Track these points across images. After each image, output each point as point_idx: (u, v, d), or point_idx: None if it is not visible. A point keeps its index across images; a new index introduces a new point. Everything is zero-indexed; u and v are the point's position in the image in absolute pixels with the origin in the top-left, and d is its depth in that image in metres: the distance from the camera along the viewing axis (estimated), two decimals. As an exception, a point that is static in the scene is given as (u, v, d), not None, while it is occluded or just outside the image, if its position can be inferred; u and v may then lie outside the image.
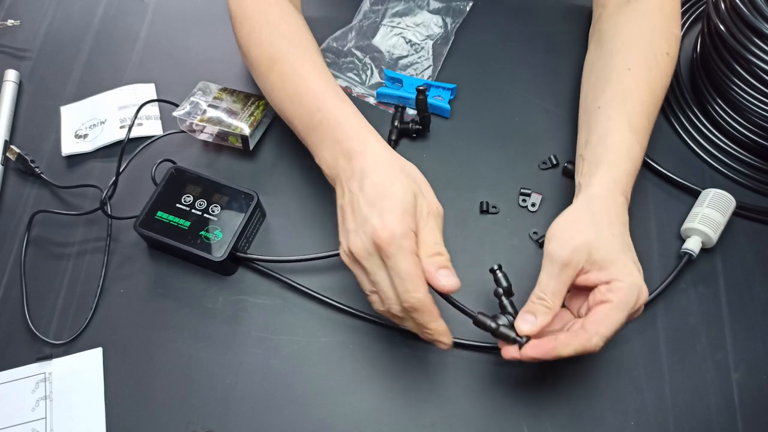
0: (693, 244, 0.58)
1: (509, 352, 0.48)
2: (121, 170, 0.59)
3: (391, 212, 0.46)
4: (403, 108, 0.67)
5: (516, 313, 0.50)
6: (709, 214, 0.58)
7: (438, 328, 0.47)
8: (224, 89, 0.67)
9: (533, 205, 0.62)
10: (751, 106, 0.60)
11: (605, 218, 0.49)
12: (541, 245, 0.60)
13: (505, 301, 0.51)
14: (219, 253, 0.56)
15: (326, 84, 0.55)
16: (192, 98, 0.65)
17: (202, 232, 0.57)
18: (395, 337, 0.57)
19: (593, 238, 0.47)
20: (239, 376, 0.55)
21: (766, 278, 0.59)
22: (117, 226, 0.62)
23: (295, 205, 0.63)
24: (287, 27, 0.60)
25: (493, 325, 0.49)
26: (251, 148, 0.65)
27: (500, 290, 0.52)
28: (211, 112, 0.64)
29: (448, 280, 0.47)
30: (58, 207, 0.63)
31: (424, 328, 0.47)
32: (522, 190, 0.63)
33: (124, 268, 0.60)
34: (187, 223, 0.57)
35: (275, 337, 0.57)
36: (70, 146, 0.66)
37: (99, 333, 0.57)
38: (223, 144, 0.65)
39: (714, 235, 0.58)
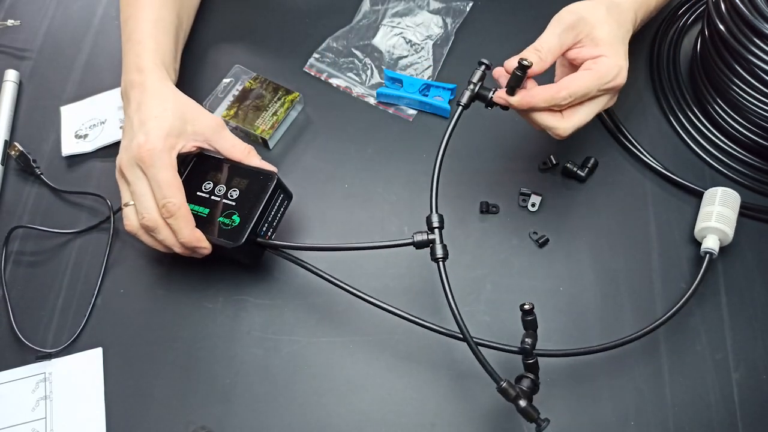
0: (712, 243, 0.58)
1: (501, 97, 0.54)
2: None
3: (155, 132, 0.53)
4: (489, 67, 0.56)
5: (537, 373, 0.50)
6: (723, 212, 0.58)
7: (194, 234, 0.53)
8: (256, 78, 0.68)
9: (533, 205, 0.62)
10: (751, 106, 0.60)
11: (617, 16, 0.54)
12: (541, 245, 0.61)
13: (531, 361, 0.50)
14: (237, 238, 0.53)
15: (152, 15, 0.60)
16: (223, 85, 0.67)
17: (220, 218, 0.55)
18: (395, 337, 0.57)
19: (602, 20, 0.52)
20: (239, 376, 0.55)
21: (766, 278, 0.59)
22: (118, 226, 0.62)
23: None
24: None
25: (521, 403, 0.47)
26: (271, 148, 0.66)
27: (528, 345, 0.49)
28: (238, 106, 0.66)
29: (270, 165, 0.57)
30: (59, 208, 0.63)
31: (179, 236, 0.52)
32: (522, 191, 0.63)
33: (124, 267, 0.60)
34: (206, 211, 0.55)
35: (275, 337, 0.57)
36: (70, 146, 0.66)
37: (99, 333, 0.57)
38: (246, 136, 0.67)
39: (731, 233, 0.58)
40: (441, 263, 0.50)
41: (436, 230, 0.50)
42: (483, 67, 0.55)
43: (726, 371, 0.55)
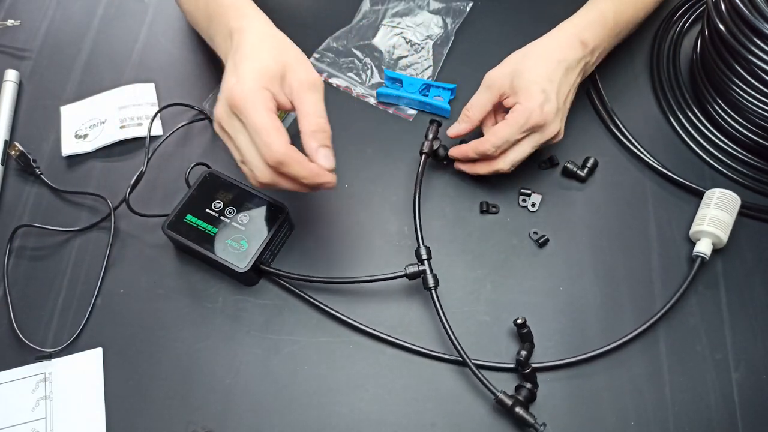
0: (704, 247, 0.58)
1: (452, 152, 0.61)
2: (144, 169, 0.60)
3: (247, 73, 0.46)
4: (439, 124, 0.63)
5: (534, 380, 0.53)
6: (717, 215, 0.58)
7: (312, 171, 0.46)
8: None
9: (533, 205, 0.62)
10: (751, 106, 0.60)
11: (542, 52, 0.57)
12: (541, 245, 0.61)
13: (527, 371, 0.53)
14: (243, 264, 0.55)
15: None
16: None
17: (229, 241, 0.56)
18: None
19: (521, 68, 0.56)
20: (239, 376, 0.55)
21: (766, 278, 0.59)
22: (118, 225, 0.62)
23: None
24: None
25: (518, 411, 0.51)
26: None
27: (522, 358, 0.53)
28: None
29: (326, 161, 0.47)
30: (59, 208, 0.63)
31: (299, 178, 0.46)
32: (522, 190, 0.63)
33: (124, 267, 0.60)
34: (215, 230, 0.57)
35: (275, 337, 0.57)
36: (70, 146, 0.66)
37: (99, 333, 0.57)
38: None
39: (724, 236, 0.58)
40: (433, 291, 0.55)
41: (426, 261, 0.55)
42: (435, 124, 0.63)
43: (726, 371, 0.55)
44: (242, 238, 0.57)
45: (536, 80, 0.55)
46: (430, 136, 0.62)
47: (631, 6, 0.63)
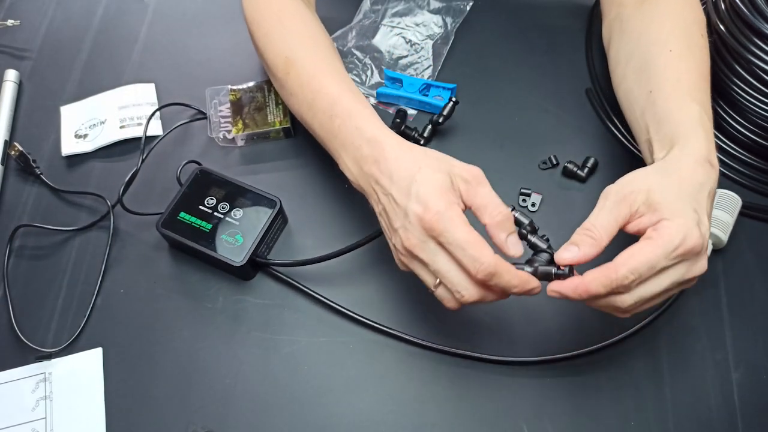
0: None
1: (553, 287, 0.45)
2: (138, 168, 0.60)
3: (427, 193, 0.45)
4: (405, 112, 0.66)
5: (551, 247, 0.48)
6: (718, 216, 0.58)
7: (522, 278, 0.44)
8: (233, 90, 0.67)
9: (533, 205, 0.62)
10: (751, 106, 0.60)
11: (677, 175, 0.45)
12: (541, 245, 0.60)
13: (534, 239, 0.48)
14: (239, 257, 0.56)
15: (341, 85, 0.54)
16: (211, 111, 0.66)
17: (224, 236, 0.57)
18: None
19: (656, 185, 0.44)
20: (239, 376, 0.55)
21: (766, 278, 0.59)
22: (118, 225, 0.62)
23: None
24: (300, 26, 0.60)
25: (529, 269, 0.46)
26: (294, 134, 0.66)
27: (525, 230, 0.48)
28: (240, 117, 0.65)
29: (516, 249, 0.46)
30: (58, 208, 0.63)
31: (509, 289, 0.45)
32: (522, 190, 0.63)
33: (124, 267, 0.60)
34: (209, 226, 0.57)
35: (275, 337, 0.57)
36: (70, 146, 0.66)
37: (99, 333, 0.57)
38: (261, 139, 0.66)
39: (724, 237, 0.58)
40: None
41: None
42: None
43: (726, 371, 0.55)
44: (237, 232, 0.57)
45: (683, 197, 0.44)
46: (398, 121, 0.65)
47: (710, 108, 0.53)
